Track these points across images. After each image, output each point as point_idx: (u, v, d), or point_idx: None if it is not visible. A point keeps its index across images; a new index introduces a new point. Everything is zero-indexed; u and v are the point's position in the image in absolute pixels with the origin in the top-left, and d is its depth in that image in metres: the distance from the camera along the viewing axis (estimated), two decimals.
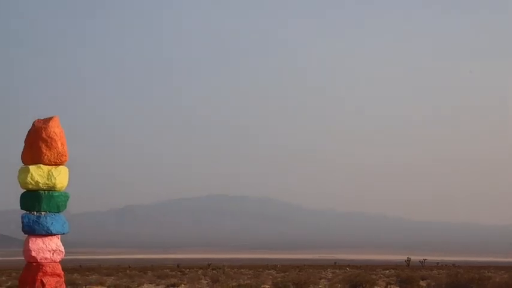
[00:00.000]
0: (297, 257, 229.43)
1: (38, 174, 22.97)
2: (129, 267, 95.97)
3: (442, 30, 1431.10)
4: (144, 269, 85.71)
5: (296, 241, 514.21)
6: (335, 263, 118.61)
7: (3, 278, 56.61)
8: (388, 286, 39.93)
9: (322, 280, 47.76)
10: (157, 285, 48.56)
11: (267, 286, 37.06)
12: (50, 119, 23.40)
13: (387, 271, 69.58)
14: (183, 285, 44.65)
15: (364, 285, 33.62)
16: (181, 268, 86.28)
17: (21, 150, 23.58)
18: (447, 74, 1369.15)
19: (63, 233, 23.62)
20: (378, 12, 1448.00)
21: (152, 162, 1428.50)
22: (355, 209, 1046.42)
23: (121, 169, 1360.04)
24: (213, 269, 72.52)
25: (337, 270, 72.40)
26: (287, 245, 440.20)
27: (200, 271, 69.68)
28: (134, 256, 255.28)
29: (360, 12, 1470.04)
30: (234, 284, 35.96)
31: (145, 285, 48.20)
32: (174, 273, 65.81)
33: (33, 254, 22.91)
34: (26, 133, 23.45)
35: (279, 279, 41.27)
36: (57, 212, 23.55)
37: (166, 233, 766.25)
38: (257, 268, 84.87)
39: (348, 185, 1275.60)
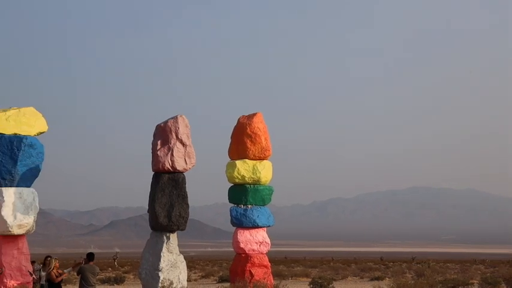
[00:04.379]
0: (507, 251, 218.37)
1: (243, 168, 24.00)
2: (333, 259, 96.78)
3: None
4: (347, 261, 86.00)
5: (505, 234, 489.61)
6: None
7: (215, 268, 59.49)
8: None
9: None
10: (361, 278, 48.49)
11: (475, 281, 35.61)
12: (254, 115, 24.29)
13: None
14: (387, 278, 44.21)
15: None
16: (384, 261, 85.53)
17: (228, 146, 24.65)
18: None
19: (269, 226, 24.45)
20: None
21: (355, 156, 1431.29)
22: None
23: (324, 162, 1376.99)
24: (417, 263, 71.00)
25: None
26: (495, 238, 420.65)
27: (404, 265, 68.58)
28: (337, 248, 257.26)
29: None
30: (439, 278, 34.96)
31: (349, 278, 48.33)
32: (377, 266, 65.36)
33: (242, 245, 23.96)
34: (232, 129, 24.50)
35: (488, 274, 39.55)
36: (263, 205, 24.45)
37: (369, 226, 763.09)
38: (464, 263, 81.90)
39: None
